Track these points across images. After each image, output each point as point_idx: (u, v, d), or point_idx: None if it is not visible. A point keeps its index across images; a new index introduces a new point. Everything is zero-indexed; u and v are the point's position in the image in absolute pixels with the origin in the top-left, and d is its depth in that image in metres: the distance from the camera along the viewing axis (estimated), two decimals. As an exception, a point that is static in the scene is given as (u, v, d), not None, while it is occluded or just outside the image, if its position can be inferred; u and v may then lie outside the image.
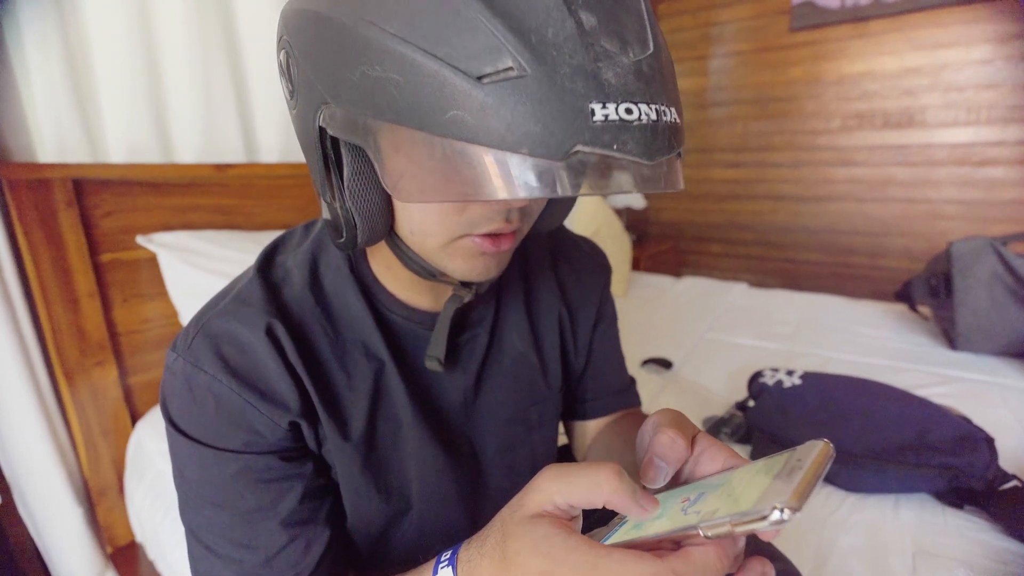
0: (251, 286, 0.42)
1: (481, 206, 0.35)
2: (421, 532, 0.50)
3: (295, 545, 0.40)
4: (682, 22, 3.06)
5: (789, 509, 0.20)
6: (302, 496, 0.41)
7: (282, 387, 0.40)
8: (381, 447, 0.46)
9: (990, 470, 0.76)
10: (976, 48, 2.31)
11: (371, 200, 0.35)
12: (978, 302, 1.28)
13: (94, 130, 0.99)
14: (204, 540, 0.40)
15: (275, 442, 0.40)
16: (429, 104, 0.25)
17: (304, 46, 0.31)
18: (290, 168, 1.24)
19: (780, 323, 1.69)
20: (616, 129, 0.25)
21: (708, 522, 0.23)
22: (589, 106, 0.24)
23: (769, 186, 2.95)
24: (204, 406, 0.38)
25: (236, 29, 1.17)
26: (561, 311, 0.57)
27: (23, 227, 0.85)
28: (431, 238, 0.37)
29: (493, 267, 0.39)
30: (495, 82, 0.24)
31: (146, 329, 1.04)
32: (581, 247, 0.62)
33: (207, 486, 0.39)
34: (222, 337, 0.40)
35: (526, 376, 0.54)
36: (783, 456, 0.25)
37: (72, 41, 0.94)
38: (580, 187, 0.25)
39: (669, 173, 0.28)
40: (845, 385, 1.00)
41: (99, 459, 0.97)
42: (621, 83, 0.25)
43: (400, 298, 0.46)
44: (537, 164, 0.24)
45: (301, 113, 0.34)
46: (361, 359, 0.44)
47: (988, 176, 2.38)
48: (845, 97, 2.63)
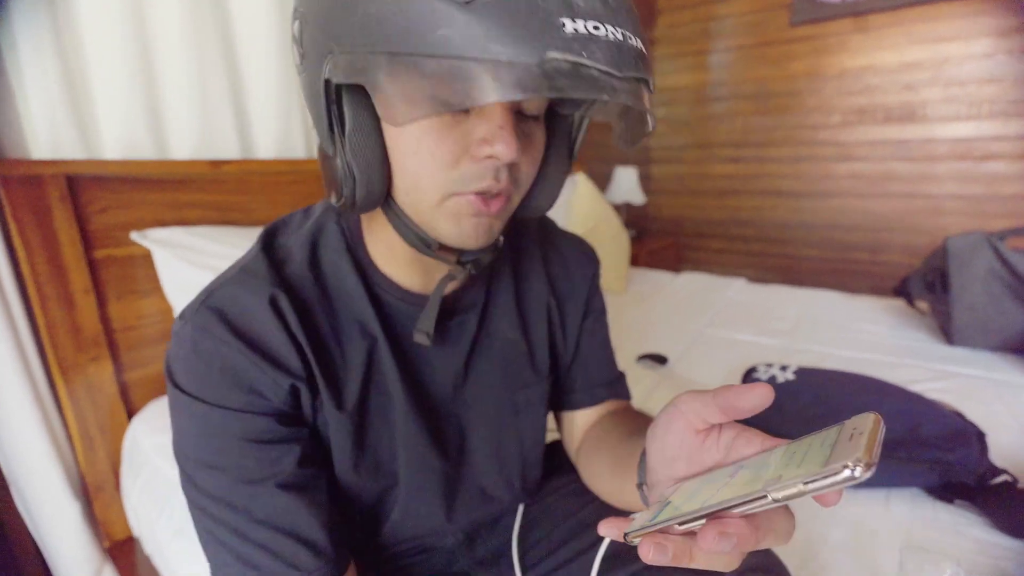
0: (256, 261, 0.45)
1: (471, 162, 0.36)
2: (405, 512, 0.51)
3: (296, 509, 0.41)
4: (682, 17, 3.04)
5: (862, 466, 0.21)
6: (300, 460, 0.42)
7: (284, 352, 0.42)
8: (371, 420, 0.48)
9: (981, 465, 0.76)
10: (977, 42, 2.29)
11: (369, 152, 0.37)
12: (974, 298, 1.28)
13: (88, 126, 0.99)
14: (206, 508, 0.41)
15: (276, 404, 0.42)
16: (419, 27, 0.28)
17: (315, 6, 0.34)
18: (286, 164, 1.25)
19: (778, 319, 1.69)
20: (585, 40, 0.28)
21: (775, 485, 0.23)
22: (560, 20, 0.28)
23: (769, 181, 2.94)
24: (210, 367, 0.40)
25: (231, 25, 1.17)
26: (550, 301, 0.59)
27: (17, 224, 0.85)
28: (425, 196, 0.38)
29: (484, 231, 0.40)
30: (478, 4, 0.28)
31: (141, 325, 1.05)
32: (570, 241, 0.64)
33: (208, 449, 0.41)
34: (228, 303, 0.42)
35: (514, 361, 0.56)
36: (832, 430, 0.25)
37: (66, 37, 0.93)
38: (555, 90, 0.27)
39: (637, 93, 0.30)
40: (838, 380, 1.00)
41: (95, 454, 0.97)
42: (588, 6, 0.29)
43: (395, 280, 0.48)
44: (516, 69, 0.27)
45: (309, 73, 0.36)
46: (356, 335, 0.47)
47: (989, 171, 2.37)
48: (846, 92, 2.62)
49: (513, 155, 0.35)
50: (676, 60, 3.12)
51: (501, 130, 0.35)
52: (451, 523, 0.55)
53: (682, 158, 3.23)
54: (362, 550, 0.53)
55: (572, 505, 0.61)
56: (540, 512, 0.63)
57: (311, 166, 1.30)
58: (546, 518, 0.62)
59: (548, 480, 0.65)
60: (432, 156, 0.36)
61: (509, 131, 0.35)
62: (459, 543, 0.59)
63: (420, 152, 0.36)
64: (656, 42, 3.17)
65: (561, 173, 0.46)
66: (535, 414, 0.58)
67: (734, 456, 0.30)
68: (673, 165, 3.27)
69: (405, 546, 0.56)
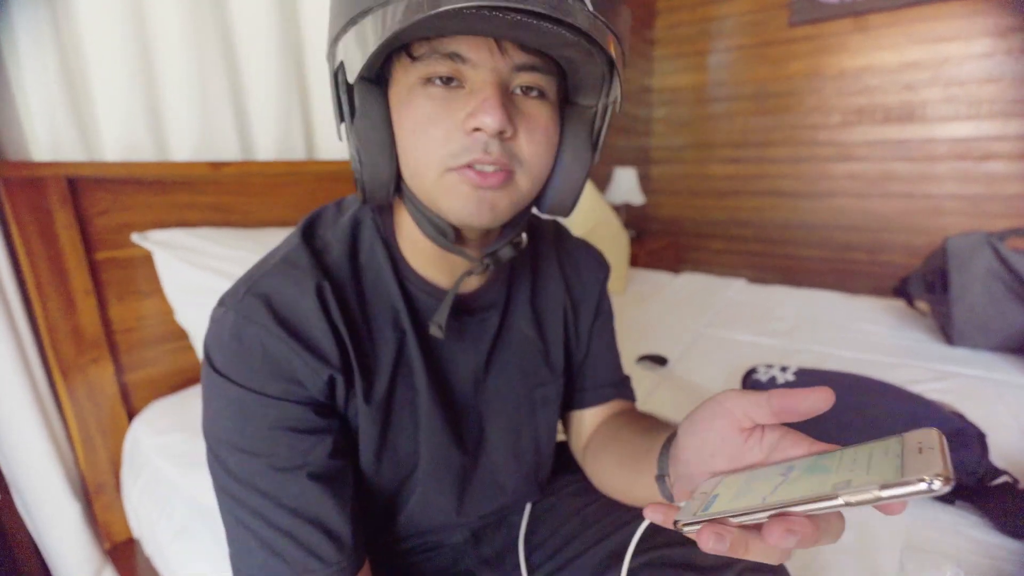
0: (299, 251, 0.46)
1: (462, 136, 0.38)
2: (422, 503, 0.52)
3: (324, 500, 0.42)
4: (680, 17, 3.04)
5: (942, 480, 0.21)
6: (331, 451, 0.43)
7: (325, 342, 0.43)
8: (398, 412, 0.49)
9: (981, 466, 0.76)
10: (976, 42, 2.29)
11: (376, 138, 0.40)
12: (974, 298, 1.28)
13: (89, 129, 0.99)
14: (234, 491, 0.41)
15: (313, 394, 0.43)
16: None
17: None
18: (286, 165, 1.25)
19: (778, 319, 1.69)
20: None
21: (847, 489, 0.23)
22: None
23: (769, 182, 2.95)
24: (252, 354, 0.41)
25: (232, 26, 1.17)
26: (566, 304, 0.61)
27: (18, 226, 0.85)
28: (425, 174, 0.40)
29: (486, 208, 0.40)
30: None
31: (142, 326, 1.05)
32: (584, 248, 0.66)
33: (242, 434, 0.41)
34: (273, 293, 0.42)
35: (532, 359, 0.57)
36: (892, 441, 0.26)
37: (66, 39, 0.94)
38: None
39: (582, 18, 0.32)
40: (838, 381, 1.00)
41: (96, 456, 0.97)
42: None
43: (422, 275, 0.49)
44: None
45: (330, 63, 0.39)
46: (387, 328, 0.48)
47: (989, 171, 2.37)
48: (845, 92, 2.62)
49: (498, 125, 0.36)
50: (675, 60, 3.12)
51: (485, 102, 0.36)
52: (460, 516, 0.55)
53: (682, 158, 3.23)
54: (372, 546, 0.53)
55: (576, 504, 0.62)
56: (545, 511, 0.64)
57: (311, 167, 1.30)
58: (551, 517, 0.62)
59: (553, 479, 0.66)
60: (428, 135, 0.38)
61: (493, 102, 0.36)
62: (465, 540, 0.60)
63: (417, 132, 0.38)
64: (655, 42, 3.17)
65: (581, 164, 0.45)
66: (550, 411, 0.60)
67: (778, 456, 0.31)
68: (673, 165, 3.27)
69: (414, 542, 0.57)
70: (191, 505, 0.83)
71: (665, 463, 0.41)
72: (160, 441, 0.93)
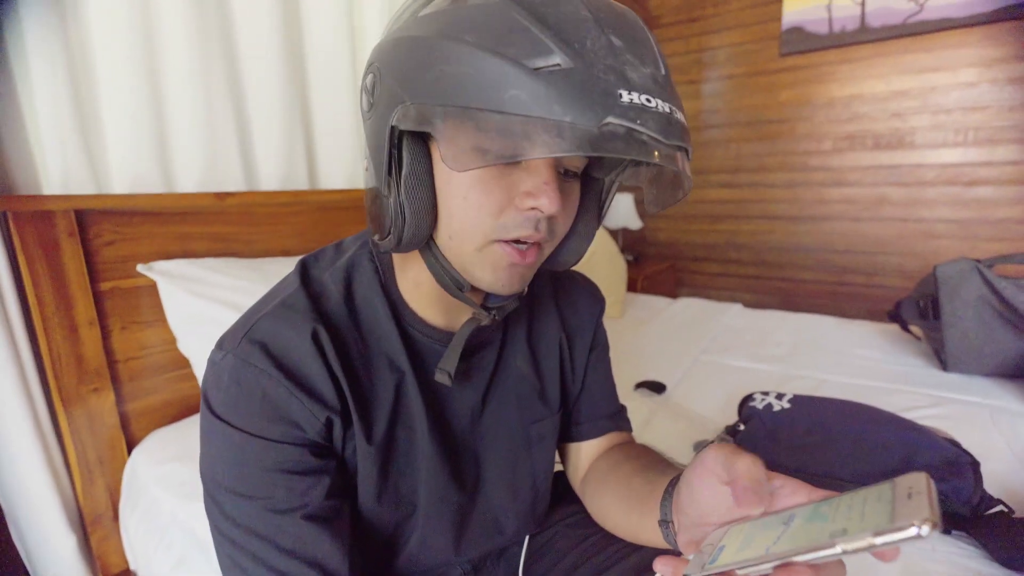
0: (296, 295, 0.47)
1: (515, 212, 0.39)
2: (422, 543, 0.53)
3: (320, 541, 0.42)
4: (675, 47, 3.13)
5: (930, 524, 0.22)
6: (328, 492, 0.44)
7: (323, 385, 0.43)
8: (397, 453, 0.50)
9: (975, 494, 0.77)
10: (962, 72, 2.36)
11: (422, 196, 0.40)
12: (966, 324, 1.30)
13: (98, 161, 1.02)
14: (231, 534, 0.42)
15: (311, 436, 0.43)
16: (493, 86, 0.32)
17: (392, 62, 0.38)
18: (290, 196, 1.27)
19: (775, 344, 1.70)
20: (639, 110, 0.31)
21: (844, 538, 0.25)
22: (618, 91, 0.31)
23: (765, 206, 2.99)
24: (251, 397, 0.42)
25: (238, 60, 1.21)
26: (561, 339, 0.62)
27: (26, 257, 0.87)
28: (468, 242, 0.41)
29: (517, 280, 0.43)
30: (547, 73, 0.31)
31: (144, 355, 1.06)
32: (579, 282, 0.67)
33: (239, 477, 0.42)
34: (270, 337, 0.43)
35: (528, 396, 0.58)
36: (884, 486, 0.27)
37: (79, 76, 0.97)
38: (611, 150, 0.30)
39: (680, 159, 0.34)
40: (834, 409, 1.00)
41: (94, 486, 0.97)
42: (642, 82, 0.32)
43: (421, 316, 0.50)
44: (575, 130, 0.31)
45: (377, 120, 0.40)
46: (385, 370, 0.48)
47: (978, 196, 2.41)
48: (835, 119, 2.68)
49: (555, 208, 0.38)
50: (670, 89, 3.20)
51: (546, 185, 0.38)
52: (458, 555, 0.56)
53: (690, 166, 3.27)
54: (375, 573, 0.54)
55: (576, 536, 0.62)
56: (544, 543, 0.64)
57: (314, 197, 1.33)
58: (551, 549, 0.63)
59: (551, 511, 0.66)
60: (480, 204, 0.39)
61: (553, 186, 0.38)
62: (466, 574, 0.60)
63: (469, 199, 0.39)
64: (650, 71, 3.25)
65: (590, 231, 0.50)
66: (547, 447, 0.60)
67: (780, 504, 0.32)
68: (669, 190, 3.32)
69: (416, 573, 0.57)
70: (189, 536, 0.83)
71: (668, 509, 0.42)
72: (159, 471, 0.93)
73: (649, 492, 0.46)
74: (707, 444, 1.04)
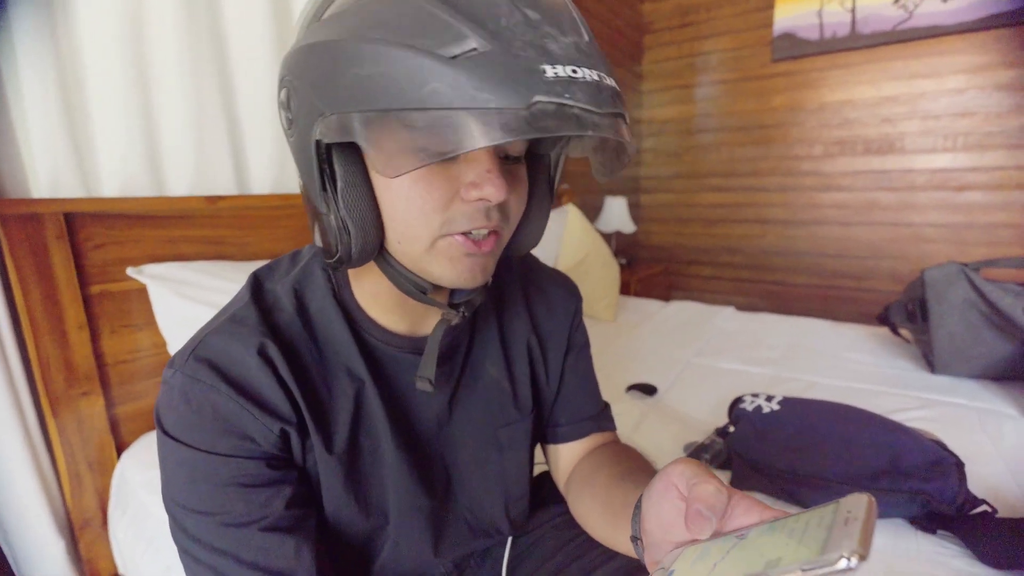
0: (246, 309, 0.46)
1: (461, 204, 0.38)
2: (396, 548, 0.52)
3: (282, 551, 0.42)
4: (667, 52, 3.15)
5: (857, 556, 0.22)
6: (288, 502, 0.43)
7: (275, 398, 0.43)
8: (362, 462, 0.49)
9: (959, 495, 0.77)
10: (950, 78, 2.39)
11: (362, 208, 0.39)
12: (953, 327, 1.31)
13: (88, 165, 1.02)
14: (194, 552, 0.41)
15: (265, 448, 0.43)
16: (409, 84, 0.30)
17: (303, 73, 0.36)
18: (281, 199, 1.27)
19: (766, 347, 1.71)
20: (566, 83, 0.30)
21: (776, 568, 0.24)
22: (541, 67, 0.30)
23: (757, 210, 3.01)
24: (201, 414, 0.41)
25: (229, 63, 1.21)
26: (531, 339, 0.60)
27: (14, 260, 0.86)
28: (417, 242, 0.39)
29: (478, 271, 0.41)
30: (463, 59, 0.30)
31: (134, 359, 1.05)
32: (552, 277, 0.65)
33: (196, 494, 0.41)
34: (218, 353, 0.43)
35: (497, 400, 0.57)
36: (828, 508, 0.26)
37: (68, 79, 0.97)
38: (544, 130, 0.29)
39: (616, 127, 0.32)
40: (823, 410, 1.01)
41: (83, 490, 0.97)
42: (564, 53, 0.31)
43: (381, 323, 0.49)
44: (504, 115, 0.29)
45: (299, 136, 0.38)
46: (344, 379, 0.47)
47: (967, 200, 2.44)
48: (827, 124, 2.71)
49: (503, 195, 0.37)
50: (663, 94, 3.22)
51: (489, 173, 0.37)
52: (439, 558, 0.56)
53: (671, 187, 3.30)
54: None
55: (561, 538, 0.62)
56: (530, 544, 0.63)
57: (306, 200, 1.32)
58: (535, 551, 0.62)
59: (537, 512, 0.66)
60: (423, 203, 0.38)
61: (497, 173, 0.37)
62: (449, 573, 0.60)
63: (412, 199, 0.38)
64: (643, 77, 3.27)
65: (544, 210, 0.49)
66: (519, 451, 0.59)
67: (732, 524, 0.31)
68: (662, 194, 3.34)
69: None
70: (178, 541, 0.82)
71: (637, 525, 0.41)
72: (149, 476, 0.92)
73: (622, 505, 0.46)
74: (697, 446, 1.05)
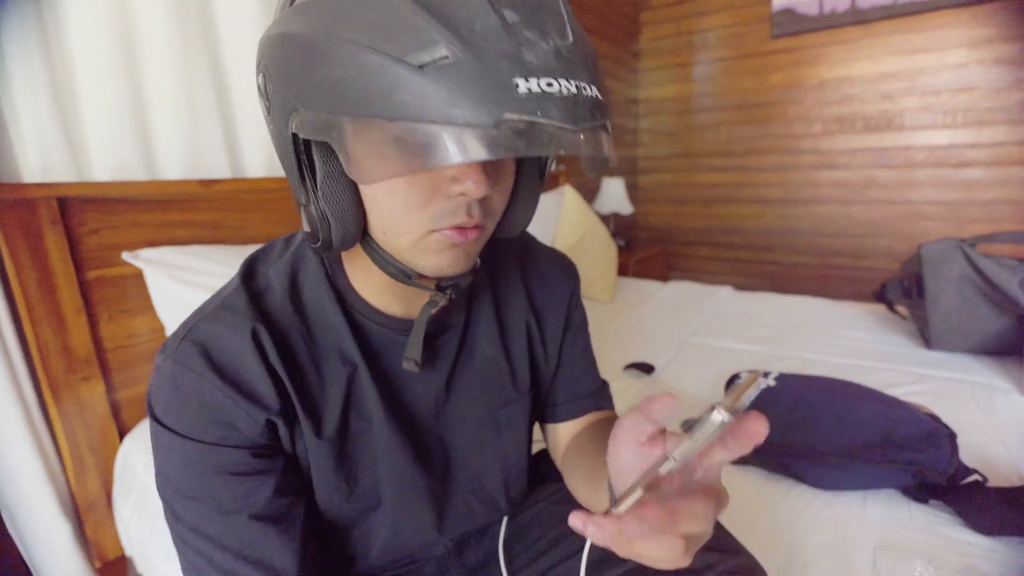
0: (236, 294, 0.46)
1: (444, 200, 0.37)
2: (394, 529, 0.53)
3: (266, 540, 0.43)
4: (665, 29, 3.11)
5: (723, 408, 0.25)
6: (274, 491, 0.44)
7: (262, 387, 0.43)
8: (352, 444, 0.49)
9: (951, 465, 0.79)
10: (951, 53, 2.36)
11: (342, 199, 0.39)
12: (949, 302, 1.32)
13: (79, 149, 1.01)
14: (184, 537, 0.42)
15: (251, 438, 0.43)
16: (379, 92, 0.29)
17: (277, 63, 0.35)
18: (275, 182, 1.26)
19: (764, 326, 1.72)
20: (539, 99, 0.28)
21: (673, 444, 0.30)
22: (514, 80, 0.28)
23: (755, 190, 3.00)
24: (189, 402, 0.41)
25: (219, 46, 1.19)
26: (528, 318, 0.60)
27: (8, 246, 0.86)
28: (402, 236, 0.39)
29: (463, 259, 0.41)
30: (433, 68, 0.28)
31: (133, 344, 1.05)
32: (549, 256, 0.65)
33: (185, 480, 0.42)
34: (209, 340, 0.43)
35: (495, 379, 0.57)
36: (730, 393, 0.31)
37: (56, 61, 0.95)
38: (512, 150, 0.28)
39: (594, 141, 0.30)
40: (818, 386, 1.02)
41: (86, 474, 0.98)
42: (542, 63, 0.29)
43: (374, 305, 0.49)
44: (473, 132, 0.28)
45: (276, 125, 0.37)
46: (336, 363, 0.48)
47: (965, 177, 2.43)
48: (825, 102, 2.69)
49: (483, 191, 0.36)
50: (660, 72, 3.18)
51: (470, 169, 0.36)
52: (443, 535, 0.56)
53: (669, 167, 3.28)
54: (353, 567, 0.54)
55: (558, 513, 0.63)
56: (528, 520, 0.64)
57: (300, 183, 1.32)
58: (534, 526, 0.63)
59: (535, 489, 0.67)
60: (407, 198, 0.37)
61: (477, 169, 0.36)
62: (448, 551, 0.61)
63: (394, 195, 0.37)
64: (640, 55, 3.23)
65: (533, 197, 0.48)
66: (517, 430, 0.60)
67: None
68: (660, 175, 3.32)
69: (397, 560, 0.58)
70: (182, 521, 0.84)
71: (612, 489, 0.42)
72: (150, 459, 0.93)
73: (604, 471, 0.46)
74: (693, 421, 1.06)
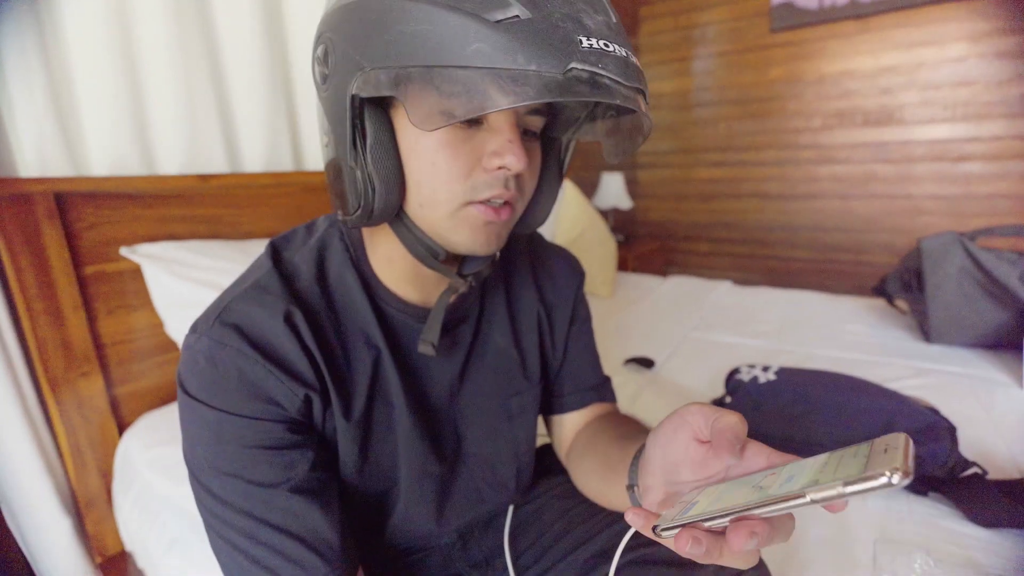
0: (269, 276, 0.46)
1: (483, 173, 0.40)
2: (406, 513, 0.54)
3: (309, 513, 0.43)
4: (664, 24, 3.09)
5: (900, 473, 0.22)
6: (312, 465, 0.44)
7: (300, 364, 0.44)
8: (376, 429, 0.50)
9: (951, 458, 0.79)
10: (950, 46, 2.35)
11: (389, 165, 0.40)
12: (948, 296, 1.32)
13: (76, 144, 1.00)
14: (220, 514, 0.42)
15: (290, 413, 0.44)
16: (456, 42, 0.32)
17: (346, 29, 0.37)
18: (273, 177, 1.26)
19: (763, 321, 1.72)
20: (599, 54, 0.32)
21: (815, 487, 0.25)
22: (578, 38, 0.32)
23: (754, 185, 2.99)
24: (227, 377, 0.42)
25: (218, 40, 1.19)
26: (539, 310, 0.62)
27: (5, 242, 0.85)
28: (440, 207, 0.41)
29: (493, 239, 0.43)
30: (506, 24, 0.31)
31: (132, 339, 1.05)
32: (557, 252, 0.68)
33: (222, 456, 0.42)
34: (244, 319, 0.43)
35: (506, 369, 0.59)
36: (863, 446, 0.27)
37: (53, 56, 0.95)
38: (579, 94, 0.31)
39: (639, 101, 0.35)
40: (818, 380, 1.02)
41: (86, 469, 0.98)
42: (597, 28, 0.33)
43: (395, 292, 0.50)
44: (543, 77, 0.31)
45: (334, 90, 0.39)
46: (361, 347, 0.49)
47: (965, 171, 2.43)
48: (825, 96, 2.68)
49: (522, 165, 0.39)
50: (659, 67, 3.17)
51: (511, 143, 0.39)
52: (440, 527, 0.57)
53: (668, 163, 3.27)
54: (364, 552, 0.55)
55: (561, 507, 0.63)
56: (531, 514, 0.65)
57: (298, 179, 1.31)
58: (537, 520, 0.64)
59: (538, 482, 0.68)
60: (449, 168, 0.39)
61: (518, 144, 0.39)
62: (453, 543, 0.61)
63: (437, 164, 0.39)
64: (639, 49, 3.22)
65: (553, 190, 0.51)
66: (528, 419, 0.61)
67: (746, 466, 0.32)
68: (659, 170, 3.32)
69: (404, 546, 0.58)
70: (183, 517, 0.84)
71: (635, 474, 0.42)
72: (151, 454, 0.93)
73: (620, 460, 0.47)
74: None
